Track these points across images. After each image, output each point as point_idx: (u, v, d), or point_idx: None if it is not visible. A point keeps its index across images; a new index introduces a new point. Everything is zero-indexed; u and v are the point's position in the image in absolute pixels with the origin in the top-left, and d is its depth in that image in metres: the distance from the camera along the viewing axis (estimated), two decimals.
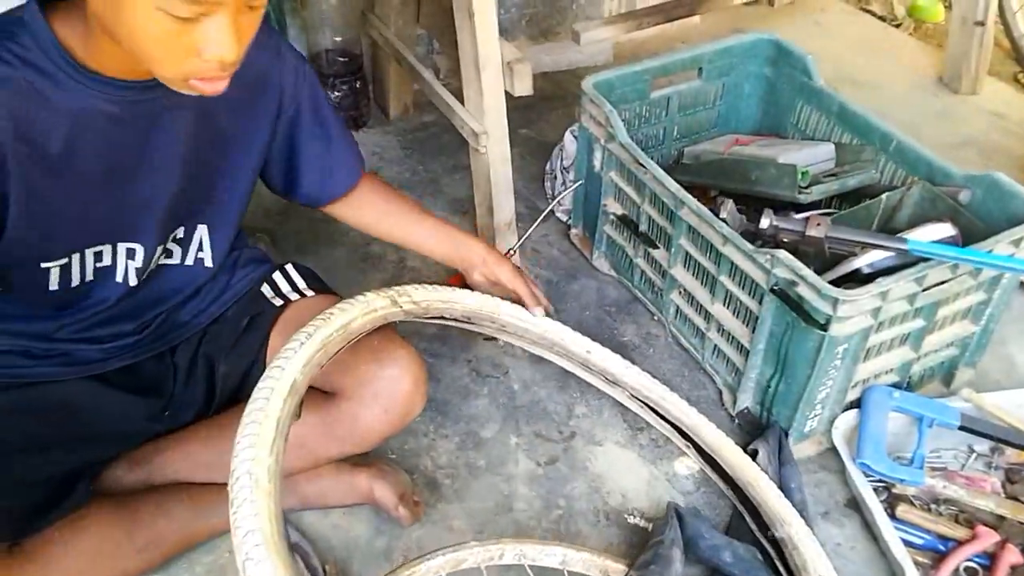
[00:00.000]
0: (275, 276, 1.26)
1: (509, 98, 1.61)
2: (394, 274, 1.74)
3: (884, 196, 1.47)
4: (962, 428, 1.32)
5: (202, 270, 1.19)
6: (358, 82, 2.08)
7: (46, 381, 1.09)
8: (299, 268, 1.29)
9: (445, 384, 1.52)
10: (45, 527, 1.07)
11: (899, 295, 1.25)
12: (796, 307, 1.25)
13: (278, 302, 1.22)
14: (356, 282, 1.72)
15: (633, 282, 1.70)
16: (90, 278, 1.05)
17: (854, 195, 1.56)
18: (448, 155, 2.08)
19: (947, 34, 2.38)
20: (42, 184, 0.92)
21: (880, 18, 2.72)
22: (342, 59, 2.07)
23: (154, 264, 1.13)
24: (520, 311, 1.31)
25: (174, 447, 1.21)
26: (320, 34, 2.05)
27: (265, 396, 0.88)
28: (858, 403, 1.37)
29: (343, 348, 1.02)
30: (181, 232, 1.14)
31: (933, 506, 1.30)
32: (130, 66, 0.91)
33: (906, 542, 1.23)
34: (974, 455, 1.38)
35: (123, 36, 0.84)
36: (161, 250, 1.12)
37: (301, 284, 1.26)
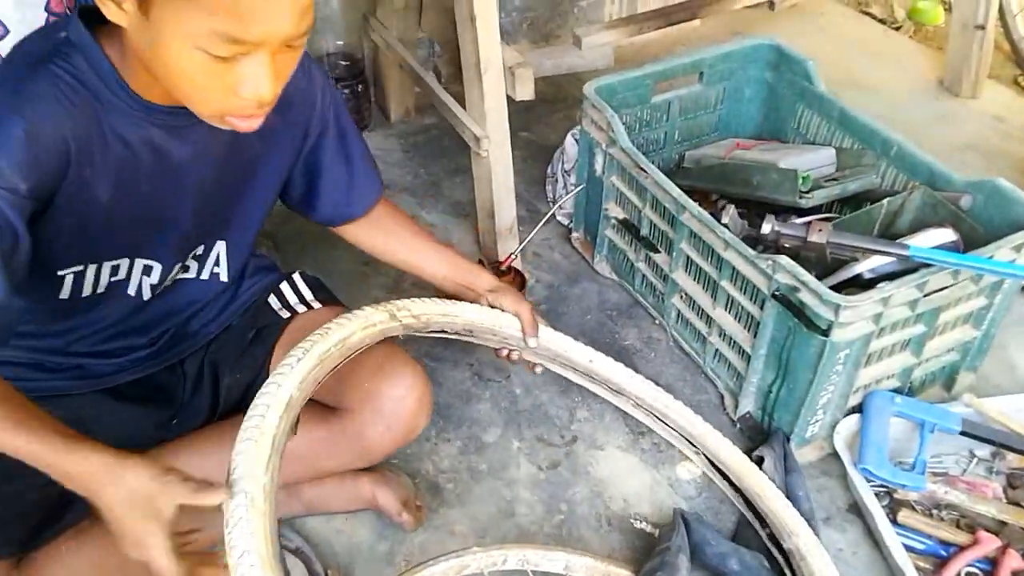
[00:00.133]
0: (282, 287, 1.25)
1: (510, 101, 1.61)
2: (396, 278, 1.74)
3: (885, 201, 1.47)
4: (963, 433, 1.32)
5: (217, 284, 1.19)
6: (360, 85, 2.09)
7: (58, 395, 1.08)
8: (306, 278, 1.28)
9: (447, 388, 1.53)
10: (51, 539, 1.07)
11: (900, 301, 1.25)
12: (798, 312, 1.26)
13: (285, 314, 1.22)
14: (358, 286, 1.72)
15: (634, 286, 1.70)
16: (102, 290, 1.04)
17: (855, 200, 1.56)
18: (449, 158, 2.08)
19: (947, 37, 2.38)
20: (80, 201, 0.92)
21: (880, 21, 2.72)
22: (344, 63, 2.08)
23: (170, 280, 1.12)
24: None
25: (173, 456, 1.21)
26: (322, 38, 2.05)
27: (261, 413, 0.86)
28: (860, 408, 1.37)
29: (342, 363, 1.01)
30: (200, 249, 1.13)
31: (935, 511, 1.31)
32: (168, 92, 0.90)
33: (908, 547, 1.24)
34: (975, 460, 1.38)
35: (160, 71, 0.83)
36: (179, 267, 1.12)
37: (308, 295, 1.25)
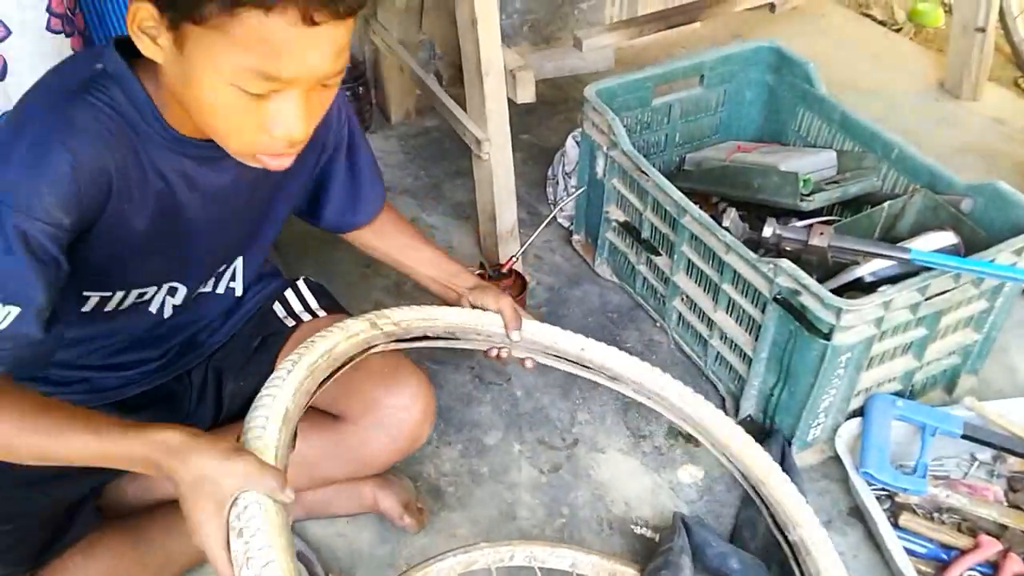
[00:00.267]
0: (287, 294, 1.25)
1: (510, 103, 1.61)
2: (397, 280, 1.74)
3: (886, 204, 1.48)
4: (965, 437, 1.32)
5: (231, 297, 1.19)
6: (361, 87, 2.09)
7: None
8: (310, 284, 1.28)
9: (448, 391, 1.53)
10: (59, 553, 1.07)
11: (902, 304, 1.25)
12: (799, 316, 1.26)
13: (290, 323, 1.21)
14: (359, 288, 1.72)
15: (635, 289, 1.70)
16: (125, 307, 1.04)
17: (856, 203, 1.56)
18: (450, 160, 2.08)
19: (947, 38, 2.38)
20: (117, 232, 0.91)
21: (880, 23, 2.72)
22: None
23: (191, 298, 1.12)
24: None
25: None
26: None
27: (261, 425, 0.84)
28: (861, 412, 1.37)
29: (335, 375, 0.99)
30: (223, 268, 1.14)
31: (936, 515, 1.31)
32: (201, 127, 0.89)
33: (909, 551, 1.24)
34: (976, 464, 1.38)
35: (193, 107, 0.82)
36: (202, 286, 1.12)
37: (312, 303, 1.25)
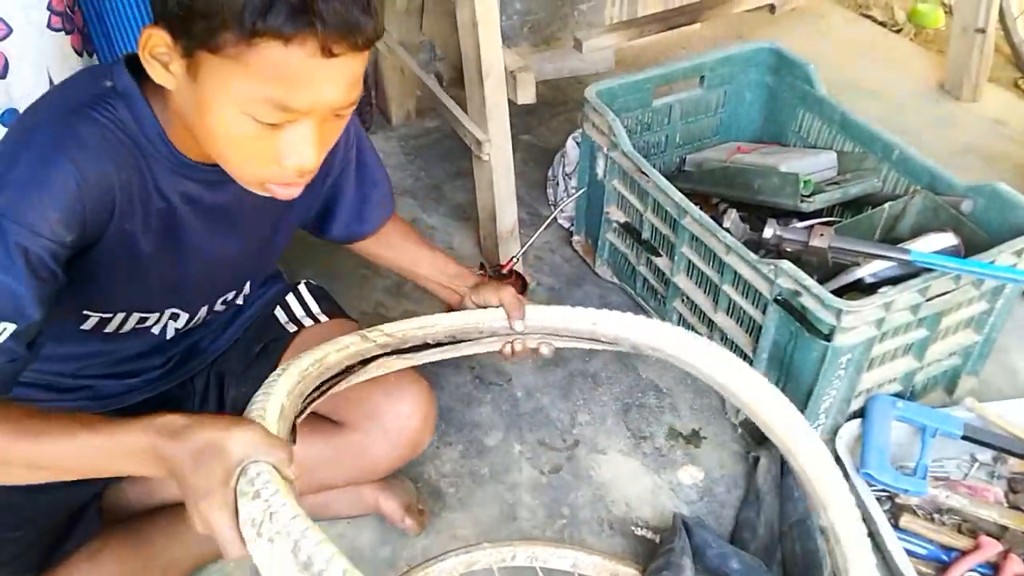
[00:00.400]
0: (288, 299, 1.25)
1: (511, 104, 1.61)
2: (397, 282, 1.74)
3: (887, 205, 1.48)
4: (965, 438, 1.32)
5: (235, 309, 1.20)
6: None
7: None
8: (312, 288, 1.28)
9: (448, 392, 1.53)
10: (63, 559, 1.07)
11: (902, 305, 1.25)
12: (800, 317, 1.26)
13: (292, 328, 1.21)
14: (359, 289, 1.72)
15: (636, 289, 1.70)
16: (126, 330, 1.04)
17: (856, 204, 1.56)
18: (450, 161, 2.08)
19: (947, 39, 2.38)
20: (122, 253, 0.90)
21: (881, 24, 2.72)
22: None
23: (196, 322, 1.13)
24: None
25: None
26: None
27: (259, 413, 0.82)
28: (861, 413, 1.37)
29: (335, 384, 0.98)
30: (231, 295, 1.14)
31: (936, 516, 1.31)
32: (211, 154, 0.88)
33: (909, 552, 1.24)
34: (977, 465, 1.38)
35: (203, 134, 0.82)
36: (206, 311, 1.12)
37: (315, 308, 1.25)
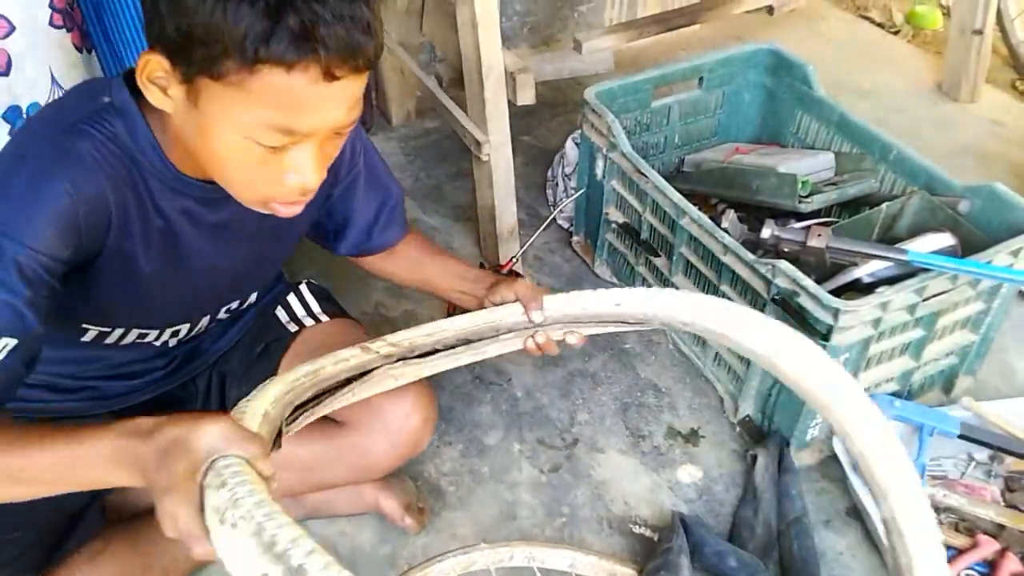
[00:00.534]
0: (290, 298, 1.25)
1: (510, 105, 1.62)
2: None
3: (884, 206, 1.48)
4: (962, 437, 1.33)
5: (238, 313, 1.20)
6: None
7: (72, 416, 1.08)
8: (313, 288, 1.28)
9: (448, 391, 1.53)
10: (64, 560, 1.07)
11: (899, 305, 1.26)
12: (797, 317, 1.26)
13: (292, 327, 1.22)
14: (359, 289, 1.73)
15: None
16: (126, 343, 1.04)
17: (854, 204, 1.57)
18: (450, 162, 2.09)
19: (945, 41, 2.39)
20: (122, 271, 0.90)
21: (879, 25, 2.73)
22: None
23: (198, 331, 1.13)
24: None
25: None
26: None
27: (241, 409, 0.79)
28: None
29: (324, 395, 0.94)
30: (235, 304, 1.14)
31: (933, 514, 1.31)
32: (212, 175, 0.88)
33: None
34: (974, 463, 1.39)
35: (204, 156, 0.82)
36: (208, 320, 1.12)
37: (316, 308, 1.25)
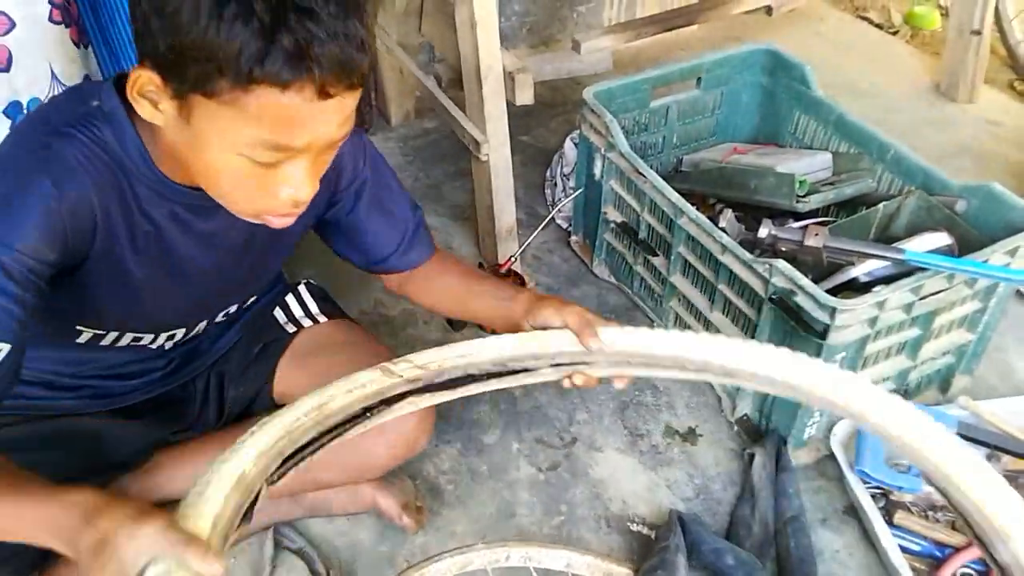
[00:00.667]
0: (288, 299, 1.26)
1: (509, 105, 1.62)
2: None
3: (881, 205, 1.49)
4: (959, 435, 1.33)
5: (237, 315, 1.21)
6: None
7: (70, 414, 1.08)
8: (311, 289, 1.28)
9: None
10: (64, 560, 1.07)
11: (896, 304, 1.26)
12: (794, 316, 1.27)
13: (291, 328, 1.22)
14: (359, 289, 1.73)
15: (633, 289, 1.71)
16: (121, 344, 1.04)
17: (851, 204, 1.58)
18: (449, 162, 2.09)
19: (943, 41, 2.40)
20: (110, 276, 0.91)
21: (877, 26, 2.74)
22: None
23: (193, 334, 1.14)
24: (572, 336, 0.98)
25: (177, 463, 1.20)
26: None
27: (199, 491, 0.71)
28: None
29: (330, 438, 0.87)
30: (233, 308, 1.14)
31: (930, 513, 1.32)
32: (205, 189, 0.87)
33: (904, 549, 1.25)
34: None
35: (197, 171, 0.82)
36: (205, 324, 1.13)
37: (314, 308, 1.25)
